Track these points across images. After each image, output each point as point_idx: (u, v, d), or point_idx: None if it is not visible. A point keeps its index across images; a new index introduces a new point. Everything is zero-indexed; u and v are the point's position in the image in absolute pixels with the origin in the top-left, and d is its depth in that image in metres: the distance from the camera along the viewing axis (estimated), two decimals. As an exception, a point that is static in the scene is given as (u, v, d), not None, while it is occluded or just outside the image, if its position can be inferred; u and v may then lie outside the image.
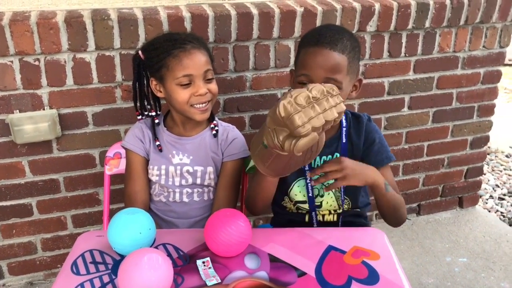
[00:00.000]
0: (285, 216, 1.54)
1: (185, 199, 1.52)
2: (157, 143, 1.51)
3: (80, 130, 1.87)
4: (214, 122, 1.57)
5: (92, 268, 1.08)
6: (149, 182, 1.55)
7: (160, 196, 1.54)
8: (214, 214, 1.14)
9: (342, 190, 1.45)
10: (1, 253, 2.00)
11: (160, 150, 1.51)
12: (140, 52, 1.48)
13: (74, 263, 1.09)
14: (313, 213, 1.46)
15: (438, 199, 2.61)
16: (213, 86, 1.45)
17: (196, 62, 1.40)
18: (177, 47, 1.40)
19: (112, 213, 1.65)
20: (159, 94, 1.50)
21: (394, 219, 1.43)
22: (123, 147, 1.56)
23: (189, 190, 1.52)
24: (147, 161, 1.54)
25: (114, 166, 1.64)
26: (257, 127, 2.10)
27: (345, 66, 1.30)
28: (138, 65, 1.50)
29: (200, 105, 1.44)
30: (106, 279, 1.04)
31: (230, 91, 1.99)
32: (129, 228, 1.08)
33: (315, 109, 0.97)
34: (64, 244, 2.07)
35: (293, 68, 1.44)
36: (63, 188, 1.96)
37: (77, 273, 1.06)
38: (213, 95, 1.46)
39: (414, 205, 2.58)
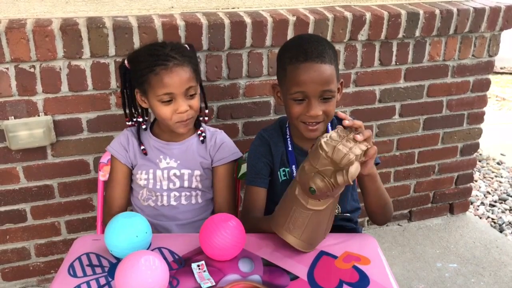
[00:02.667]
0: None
1: (173, 203, 1.55)
2: (142, 147, 1.55)
3: (75, 136, 1.90)
4: (201, 129, 1.60)
5: (89, 270, 1.11)
6: (136, 187, 1.58)
7: (148, 201, 1.57)
8: (209, 218, 1.18)
9: None
10: (-6, 259, 2.02)
11: (145, 154, 1.55)
12: (126, 61, 1.52)
13: (71, 266, 1.12)
14: None
15: (429, 205, 2.66)
16: (195, 103, 1.47)
17: (176, 80, 1.41)
18: (159, 64, 1.40)
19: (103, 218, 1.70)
20: (143, 105, 1.53)
21: (382, 215, 1.43)
22: (107, 150, 1.61)
23: (177, 194, 1.55)
24: (129, 170, 1.58)
25: (108, 172, 1.67)
26: (250, 134, 2.14)
27: (334, 75, 1.36)
28: (124, 74, 1.53)
29: (182, 123, 1.47)
30: (102, 281, 1.07)
31: (223, 98, 2.03)
32: (126, 231, 1.11)
33: (349, 141, 1.09)
34: (58, 250, 2.09)
35: (276, 83, 1.48)
36: (57, 193, 1.98)
37: (74, 275, 1.09)
38: (195, 112, 1.48)
39: (405, 211, 2.63)
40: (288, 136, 1.53)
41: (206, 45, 1.89)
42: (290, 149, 1.51)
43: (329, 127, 1.51)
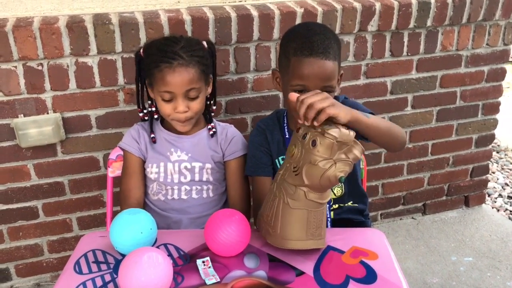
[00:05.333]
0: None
1: (184, 196, 1.56)
2: (152, 135, 1.56)
3: (84, 133, 1.92)
4: (212, 124, 1.61)
5: (94, 267, 1.12)
6: (147, 181, 1.59)
7: (158, 195, 1.57)
8: (214, 214, 1.18)
9: None
10: (8, 255, 2.05)
11: (154, 142, 1.56)
12: (141, 49, 1.53)
13: (77, 263, 1.13)
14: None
15: (444, 198, 2.63)
16: (195, 105, 1.47)
17: (178, 80, 1.41)
18: (164, 61, 1.41)
19: (115, 214, 1.71)
20: (151, 95, 1.55)
21: (394, 141, 1.37)
22: (120, 147, 1.62)
23: (188, 187, 1.56)
24: (142, 162, 1.59)
25: (117, 169, 1.68)
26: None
27: (336, 71, 1.37)
28: (139, 62, 1.54)
29: (179, 122, 1.49)
30: (107, 278, 1.08)
31: (231, 92, 2.03)
32: (131, 228, 1.12)
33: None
34: (70, 246, 2.12)
35: (276, 69, 1.48)
36: (68, 190, 2.00)
37: (80, 272, 1.10)
38: (194, 113, 1.48)
39: (420, 204, 2.60)
40: (285, 124, 1.55)
41: (213, 39, 1.88)
42: (287, 136, 1.53)
43: None
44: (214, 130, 1.59)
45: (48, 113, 1.84)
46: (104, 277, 1.08)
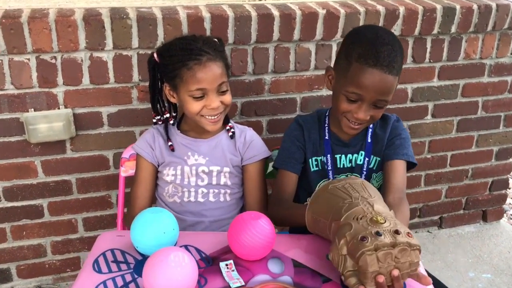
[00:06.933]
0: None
1: (200, 199, 1.56)
2: (169, 143, 1.57)
3: (95, 130, 1.93)
4: (230, 124, 1.62)
5: (114, 267, 1.12)
6: (162, 183, 1.59)
7: (174, 197, 1.57)
8: (238, 216, 1.18)
9: None
10: (10, 255, 2.05)
11: (172, 150, 1.56)
12: (155, 55, 1.52)
13: (96, 261, 1.13)
14: None
15: (461, 212, 2.63)
16: (227, 98, 1.49)
17: (210, 76, 1.43)
18: (192, 58, 1.42)
19: (126, 216, 1.72)
20: (172, 100, 1.54)
21: None
22: (133, 149, 1.63)
23: (205, 190, 1.56)
24: (154, 168, 1.59)
25: (130, 168, 1.69)
26: (275, 132, 2.14)
27: (395, 87, 1.38)
28: (153, 68, 1.54)
29: (212, 117, 1.49)
30: (128, 278, 1.08)
31: (248, 94, 2.04)
32: (153, 227, 1.12)
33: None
34: (74, 248, 2.12)
35: (331, 67, 1.48)
36: (75, 189, 2.01)
37: (99, 271, 1.10)
38: (226, 106, 1.50)
39: (436, 217, 2.61)
40: (326, 125, 1.55)
41: (231, 39, 1.90)
42: (326, 137, 1.53)
43: (370, 128, 1.54)
44: (232, 130, 1.60)
45: (59, 108, 1.85)
46: (124, 277, 1.08)
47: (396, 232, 0.99)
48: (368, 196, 1.12)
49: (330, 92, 2.09)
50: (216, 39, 1.54)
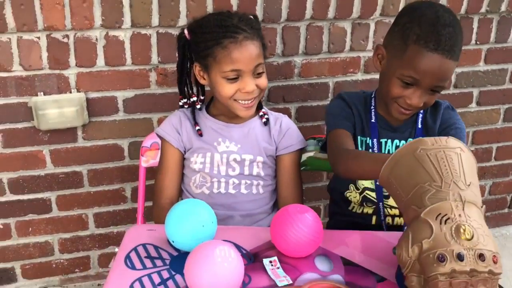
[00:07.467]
0: (345, 218, 1.59)
1: (231, 191, 1.57)
2: (197, 127, 1.58)
3: (109, 117, 1.93)
4: (263, 110, 1.62)
5: (148, 263, 1.13)
6: (188, 172, 1.59)
7: (202, 188, 1.58)
8: (282, 209, 1.18)
9: None
10: (14, 253, 2.07)
11: (200, 135, 1.57)
12: (186, 31, 1.53)
13: (128, 257, 1.14)
14: (380, 204, 1.51)
15: (506, 210, 2.64)
16: (263, 81, 1.49)
17: (246, 56, 1.42)
18: (228, 36, 1.42)
19: (147, 210, 1.74)
20: (202, 81, 1.54)
21: None
22: (157, 134, 1.63)
23: (236, 181, 1.56)
24: (181, 154, 1.60)
25: (151, 158, 1.70)
26: (304, 121, 2.15)
27: (453, 71, 1.39)
28: (183, 46, 1.55)
29: (246, 102, 1.49)
30: (165, 274, 1.09)
31: (276, 78, 2.04)
32: (191, 220, 1.12)
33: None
34: (84, 246, 2.13)
35: (382, 45, 1.48)
36: (86, 182, 2.02)
37: (133, 267, 1.11)
38: (261, 91, 1.50)
39: (478, 216, 2.61)
40: (372, 107, 1.55)
41: (260, 16, 1.90)
42: (373, 120, 1.53)
43: (421, 113, 1.54)
44: (266, 117, 1.60)
45: (71, 92, 1.86)
46: (161, 274, 1.09)
47: (481, 256, 0.93)
48: (462, 183, 1.01)
49: (366, 77, 2.15)
50: (252, 16, 1.54)
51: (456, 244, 0.93)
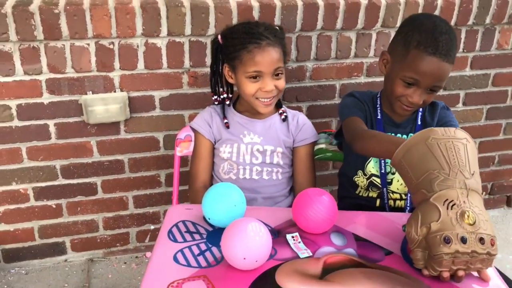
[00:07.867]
0: (352, 201, 1.59)
1: (255, 177, 1.58)
2: (225, 121, 1.59)
3: (147, 113, 1.94)
4: (282, 108, 1.63)
5: (188, 236, 1.14)
6: (218, 160, 1.61)
7: (229, 174, 1.59)
8: (302, 192, 1.19)
9: None
10: (65, 229, 2.09)
11: (227, 127, 1.58)
12: (219, 37, 1.55)
13: (170, 232, 1.15)
14: (384, 189, 1.51)
15: (486, 196, 2.62)
16: (281, 83, 1.51)
17: (267, 60, 1.44)
18: (253, 42, 1.44)
19: (181, 193, 1.74)
20: (230, 80, 1.56)
21: None
22: (191, 127, 1.64)
23: (259, 168, 1.57)
24: (211, 145, 1.61)
25: (185, 148, 1.71)
26: (314, 117, 2.13)
27: (449, 72, 1.39)
28: (216, 49, 1.56)
29: (265, 100, 1.51)
30: (203, 246, 1.10)
31: (290, 80, 2.04)
32: (225, 201, 1.13)
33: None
34: (124, 224, 2.15)
35: (387, 51, 1.48)
36: (127, 169, 2.03)
37: (175, 240, 1.12)
38: (279, 91, 1.52)
39: (462, 202, 2.60)
40: (378, 106, 1.55)
41: (278, 27, 1.89)
42: (379, 117, 1.54)
43: (420, 111, 1.54)
44: (285, 114, 1.61)
45: (115, 92, 1.87)
46: (199, 246, 1.10)
47: (481, 240, 0.95)
48: (467, 172, 1.02)
49: (368, 80, 2.14)
50: (278, 27, 1.55)
51: (460, 228, 0.95)
